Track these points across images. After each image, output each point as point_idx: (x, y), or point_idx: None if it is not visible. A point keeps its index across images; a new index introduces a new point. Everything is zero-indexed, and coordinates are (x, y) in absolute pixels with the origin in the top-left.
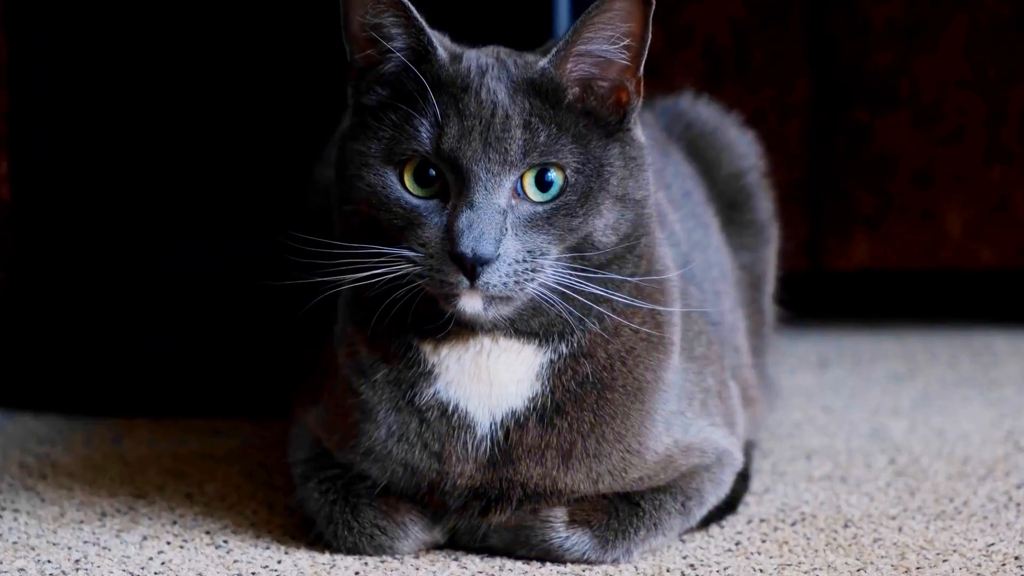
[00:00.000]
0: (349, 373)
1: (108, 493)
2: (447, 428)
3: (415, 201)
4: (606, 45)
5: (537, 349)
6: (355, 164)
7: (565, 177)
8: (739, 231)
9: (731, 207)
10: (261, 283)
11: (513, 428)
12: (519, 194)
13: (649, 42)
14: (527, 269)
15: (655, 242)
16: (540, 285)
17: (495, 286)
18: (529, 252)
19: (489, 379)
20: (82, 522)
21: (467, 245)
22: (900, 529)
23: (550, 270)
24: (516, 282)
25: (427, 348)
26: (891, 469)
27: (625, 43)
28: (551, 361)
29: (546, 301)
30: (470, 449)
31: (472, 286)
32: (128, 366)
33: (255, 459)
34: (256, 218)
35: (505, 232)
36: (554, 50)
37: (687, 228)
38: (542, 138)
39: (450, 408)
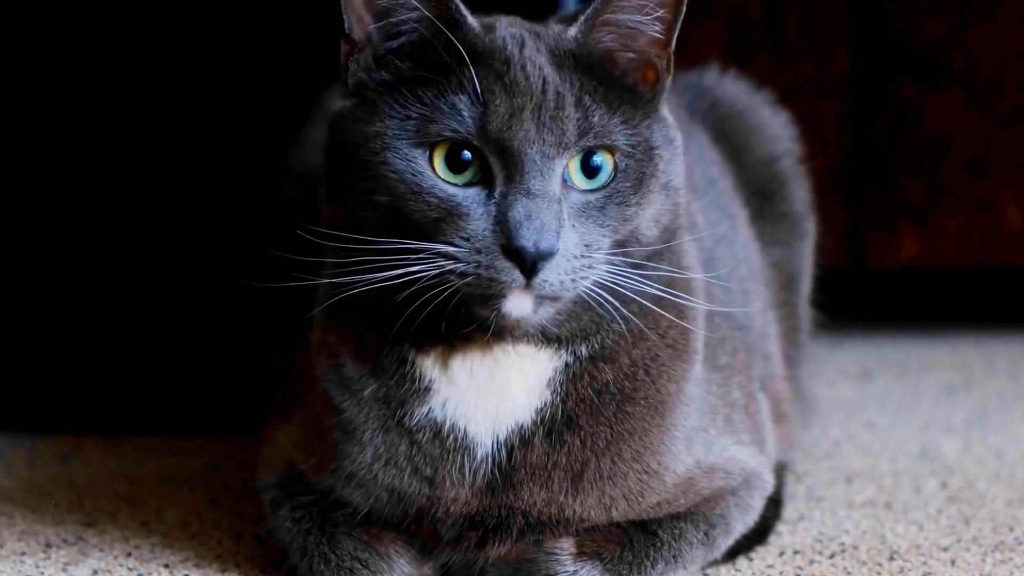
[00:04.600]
0: (329, 387)
1: (54, 521)
2: (440, 451)
3: (452, 189)
4: (638, 15)
5: (554, 353)
6: (369, 149)
7: (614, 162)
8: (770, 224)
9: (761, 197)
10: (238, 282)
11: (517, 446)
12: (565, 181)
13: (683, 14)
14: (584, 265)
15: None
16: (592, 283)
17: (552, 284)
18: (587, 246)
19: (499, 391)
20: (24, 554)
21: (528, 238)
22: (953, 562)
23: (602, 267)
24: (572, 280)
25: (427, 362)
26: (943, 494)
27: (658, 14)
28: (566, 364)
29: (596, 301)
30: (467, 473)
31: (528, 285)
32: (76, 376)
33: (220, 483)
34: (224, 210)
35: (563, 223)
36: (583, 18)
37: (711, 220)
38: (596, 118)
39: (445, 429)
